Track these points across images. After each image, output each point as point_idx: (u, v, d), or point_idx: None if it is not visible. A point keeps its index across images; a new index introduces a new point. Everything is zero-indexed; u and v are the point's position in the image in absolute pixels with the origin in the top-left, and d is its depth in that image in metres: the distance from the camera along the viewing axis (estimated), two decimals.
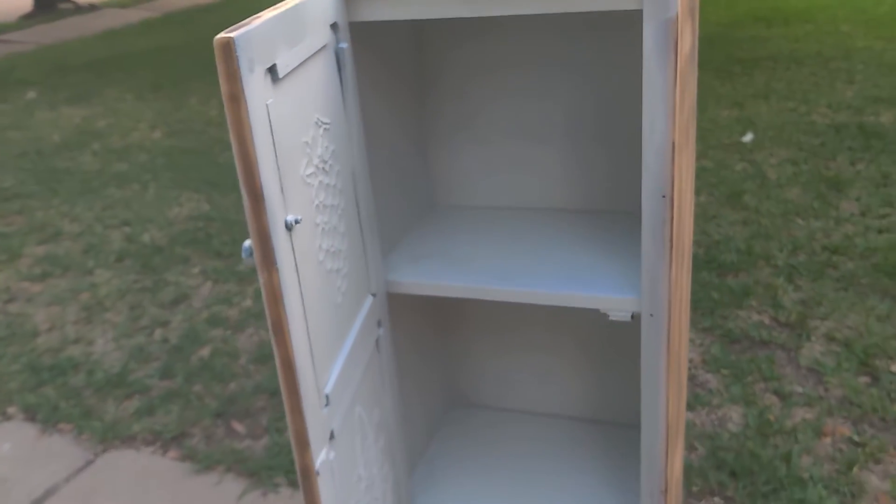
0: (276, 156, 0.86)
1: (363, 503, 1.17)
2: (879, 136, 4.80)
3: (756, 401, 2.61)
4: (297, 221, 0.90)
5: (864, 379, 2.68)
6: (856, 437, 2.42)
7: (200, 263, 3.94)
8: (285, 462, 2.54)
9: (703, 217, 3.91)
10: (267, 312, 0.87)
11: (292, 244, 0.90)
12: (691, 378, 2.78)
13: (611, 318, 1.23)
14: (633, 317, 1.22)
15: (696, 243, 3.64)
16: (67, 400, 2.97)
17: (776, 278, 3.29)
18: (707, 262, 3.49)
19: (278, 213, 0.87)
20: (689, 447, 2.44)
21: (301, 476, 0.95)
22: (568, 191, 1.56)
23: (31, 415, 2.94)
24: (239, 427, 2.75)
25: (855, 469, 2.29)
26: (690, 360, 2.86)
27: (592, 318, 1.63)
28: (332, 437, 1.03)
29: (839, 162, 4.48)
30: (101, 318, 3.53)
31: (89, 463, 2.68)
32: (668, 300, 1.15)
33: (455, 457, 1.64)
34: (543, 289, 1.26)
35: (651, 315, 1.17)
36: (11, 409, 2.99)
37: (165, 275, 3.84)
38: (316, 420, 0.97)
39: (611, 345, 1.64)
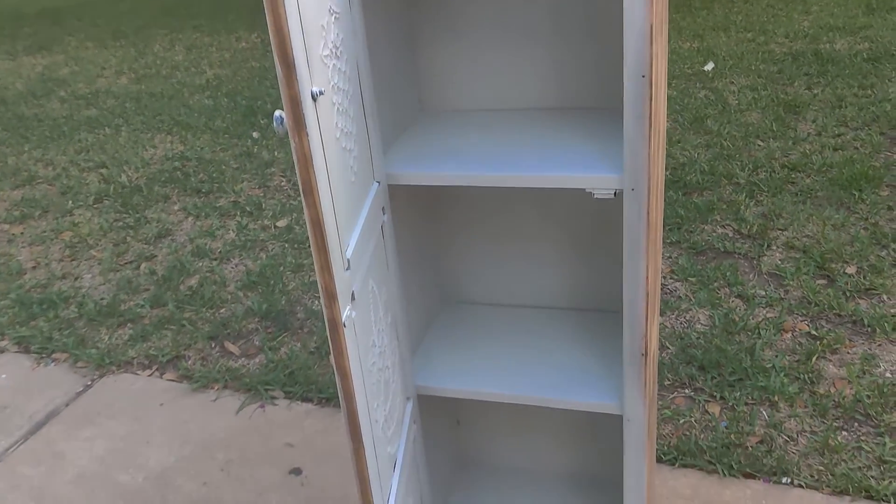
0: (302, 33, 0.96)
1: (378, 367, 1.29)
2: (834, 62, 4.96)
3: (721, 304, 2.78)
4: (321, 93, 1.00)
5: (821, 281, 2.87)
6: (814, 332, 2.60)
7: (180, 201, 4.00)
8: (281, 377, 2.66)
9: (668, 141, 4.05)
10: (298, 175, 0.97)
11: (317, 114, 1.00)
12: (661, 287, 2.94)
13: (595, 195, 1.35)
14: (615, 194, 1.34)
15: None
16: (60, 331, 3.05)
17: (738, 195, 3.45)
18: (674, 182, 3.64)
19: (306, 83, 0.97)
20: (661, 347, 2.61)
21: (329, 329, 1.07)
22: (548, 91, 1.67)
23: (24, 347, 3.02)
24: (233, 348, 2.86)
25: (813, 359, 2.47)
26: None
27: (574, 210, 1.75)
28: (353, 297, 1.14)
29: (796, 87, 4.64)
30: (86, 254, 3.59)
31: (87, 388, 2.78)
32: (647, 174, 1.28)
33: (450, 346, 1.76)
34: (532, 172, 1.38)
35: (633, 189, 1.30)
36: (3, 343, 3.06)
37: (146, 213, 3.90)
38: (340, 279, 1.08)
39: (594, 235, 1.77)
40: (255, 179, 4.16)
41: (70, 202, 4.08)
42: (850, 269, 2.89)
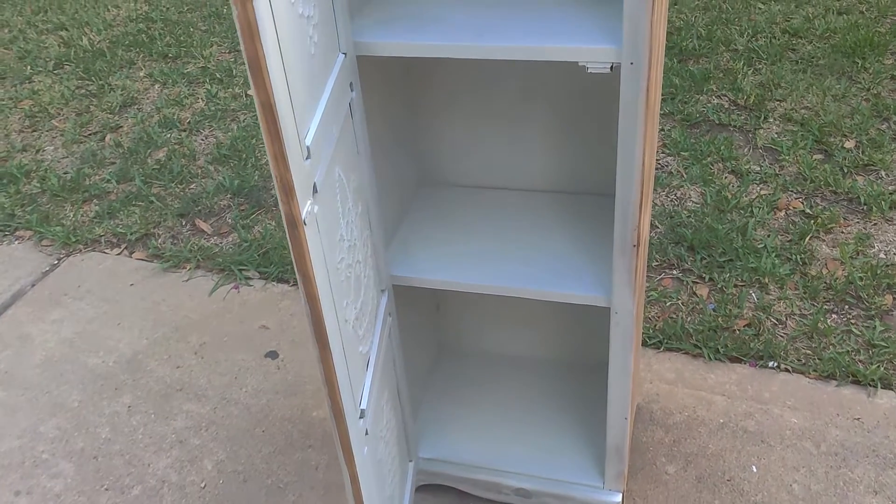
0: None
1: (347, 262, 1.18)
2: None
3: (714, 180, 2.67)
4: None
5: (818, 156, 2.75)
6: (808, 210, 2.51)
7: (146, 66, 3.77)
8: (255, 257, 2.56)
9: None
10: (243, 48, 0.83)
11: None
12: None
13: (589, 70, 1.20)
14: (612, 69, 1.19)
15: None
16: (23, 207, 2.91)
17: (736, 62, 3.27)
18: (669, 48, 3.44)
19: None
20: (650, 226, 2.51)
21: (287, 225, 0.95)
22: None
23: None
24: (204, 226, 2.74)
25: (806, 239, 2.39)
26: None
27: (565, 84, 1.60)
28: (315, 190, 1.01)
29: None
30: (48, 125, 3.40)
31: (54, 267, 2.67)
32: (648, 46, 1.13)
33: (428, 232, 1.65)
34: (519, 42, 1.22)
35: (631, 63, 1.15)
36: None
37: (110, 79, 3.67)
38: (299, 171, 0.95)
39: (583, 114, 1.63)
40: (226, 43, 3.91)
41: (28, 68, 3.84)
42: (849, 144, 2.77)
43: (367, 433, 1.27)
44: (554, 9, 1.32)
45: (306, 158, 0.98)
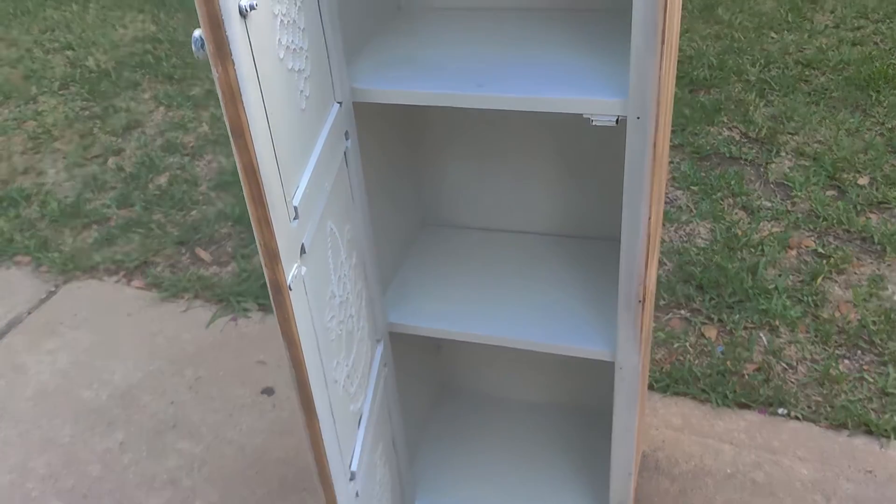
0: None
1: (338, 319, 1.13)
2: None
3: (724, 216, 2.61)
4: (252, 7, 0.79)
5: (831, 192, 2.69)
6: (820, 250, 2.45)
7: (151, 88, 3.75)
8: (254, 287, 2.51)
9: None
10: (225, 113, 0.78)
11: (248, 34, 0.80)
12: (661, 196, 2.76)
13: (594, 122, 1.15)
14: (617, 121, 1.14)
15: None
16: (22, 232, 2.88)
17: (748, 94, 3.22)
18: (679, 77, 3.39)
19: None
20: (658, 263, 2.45)
21: (272, 291, 0.90)
22: None
23: None
24: (204, 255, 2.69)
25: (818, 280, 2.33)
26: None
27: (571, 126, 1.55)
28: (303, 251, 0.97)
29: None
30: (50, 147, 3.37)
31: (51, 294, 2.64)
32: (656, 101, 1.08)
33: (428, 275, 1.60)
34: (522, 93, 1.17)
35: (638, 118, 1.10)
36: None
37: (115, 101, 3.65)
38: (285, 233, 0.90)
39: (589, 157, 1.58)
40: None
41: (34, 88, 3.82)
42: (863, 180, 2.71)
43: (357, 495, 1.22)
44: (557, 55, 1.27)
45: (293, 219, 0.94)
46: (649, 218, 1.18)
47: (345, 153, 1.20)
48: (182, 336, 2.40)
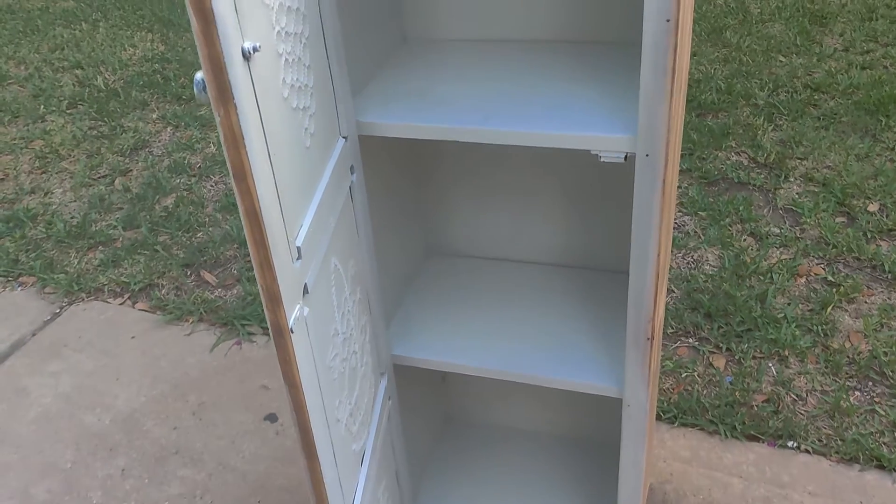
0: None
1: (341, 357, 1.12)
2: None
3: (733, 242, 2.59)
4: (255, 49, 0.78)
5: (840, 219, 2.67)
6: (830, 278, 2.42)
7: (159, 108, 3.75)
8: (259, 311, 2.50)
9: None
10: (227, 157, 0.77)
11: (251, 76, 0.79)
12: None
13: (602, 159, 1.14)
14: (626, 158, 1.13)
15: None
16: (27, 252, 2.87)
17: (756, 118, 3.21)
18: (687, 101, 3.38)
19: (233, 38, 0.74)
20: (666, 290, 2.43)
21: (274, 334, 0.88)
22: (553, 19, 1.43)
23: None
24: (209, 277, 2.68)
25: (828, 309, 2.30)
26: None
27: (578, 160, 1.54)
28: (305, 291, 0.95)
29: None
30: (57, 166, 3.37)
31: (55, 316, 2.63)
32: (665, 139, 1.06)
33: (433, 306, 1.59)
34: (528, 128, 1.16)
35: (647, 155, 1.09)
36: None
37: (123, 120, 3.65)
38: (287, 275, 0.89)
39: (595, 188, 1.57)
40: None
41: (42, 107, 3.83)
42: (873, 207, 2.69)
43: None
44: (565, 89, 1.26)
45: (296, 260, 0.92)
46: (658, 256, 1.16)
47: (350, 188, 1.18)
48: (186, 360, 2.38)
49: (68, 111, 3.78)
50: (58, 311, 2.64)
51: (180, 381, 2.32)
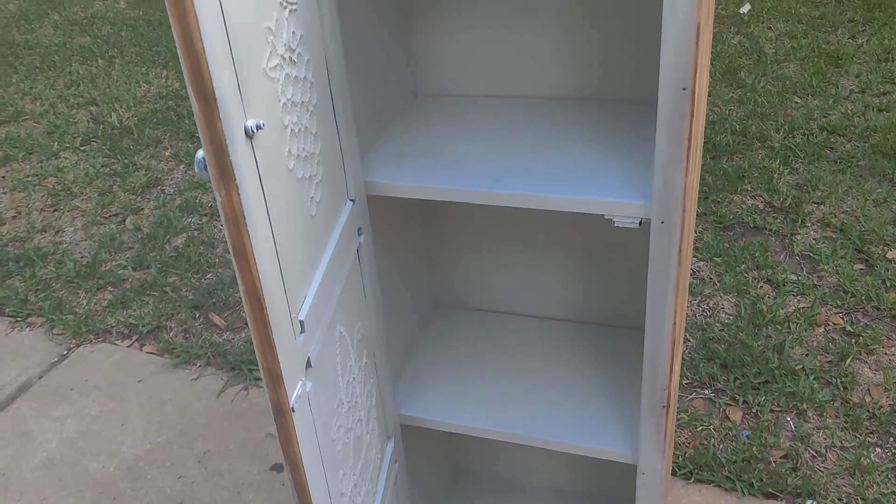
0: (230, 46, 0.71)
1: (345, 427, 1.08)
2: (882, 7, 4.58)
3: (749, 290, 2.54)
4: (259, 127, 0.75)
5: (858, 266, 2.62)
6: (849, 327, 2.37)
7: (172, 146, 3.76)
8: None
9: None
10: (227, 237, 0.74)
11: (255, 154, 0.76)
12: None
13: (616, 224, 1.11)
14: (640, 224, 1.10)
15: None
16: (36, 293, 2.86)
17: (772, 161, 3.17)
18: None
19: (235, 116, 0.72)
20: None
21: (275, 413, 0.85)
22: (566, 76, 1.41)
23: None
24: (218, 320, 2.66)
25: (847, 360, 2.25)
26: None
27: (592, 223, 1.51)
28: (308, 365, 0.92)
29: (839, 35, 4.28)
30: (69, 204, 3.37)
31: (63, 358, 2.61)
32: (681, 206, 1.03)
33: (442, 362, 1.55)
34: (540, 192, 1.13)
35: (662, 222, 1.06)
36: None
37: (135, 158, 3.66)
38: (289, 352, 0.86)
39: (609, 243, 1.54)
40: None
41: (56, 143, 3.85)
42: (892, 254, 2.64)
43: None
44: (578, 150, 1.23)
45: (299, 335, 0.89)
46: (674, 323, 1.13)
47: (357, 250, 1.16)
48: (192, 406, 2.35)
49: (82, 148, 3.80)
50: (65, 352, 2.62)
51: (186, 427, 2.28)
